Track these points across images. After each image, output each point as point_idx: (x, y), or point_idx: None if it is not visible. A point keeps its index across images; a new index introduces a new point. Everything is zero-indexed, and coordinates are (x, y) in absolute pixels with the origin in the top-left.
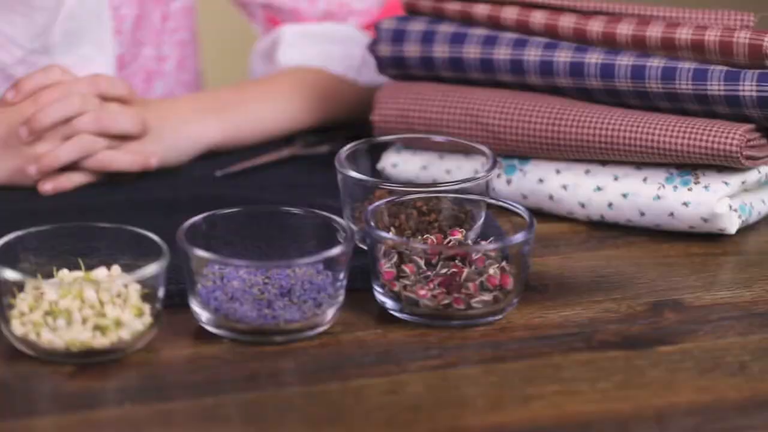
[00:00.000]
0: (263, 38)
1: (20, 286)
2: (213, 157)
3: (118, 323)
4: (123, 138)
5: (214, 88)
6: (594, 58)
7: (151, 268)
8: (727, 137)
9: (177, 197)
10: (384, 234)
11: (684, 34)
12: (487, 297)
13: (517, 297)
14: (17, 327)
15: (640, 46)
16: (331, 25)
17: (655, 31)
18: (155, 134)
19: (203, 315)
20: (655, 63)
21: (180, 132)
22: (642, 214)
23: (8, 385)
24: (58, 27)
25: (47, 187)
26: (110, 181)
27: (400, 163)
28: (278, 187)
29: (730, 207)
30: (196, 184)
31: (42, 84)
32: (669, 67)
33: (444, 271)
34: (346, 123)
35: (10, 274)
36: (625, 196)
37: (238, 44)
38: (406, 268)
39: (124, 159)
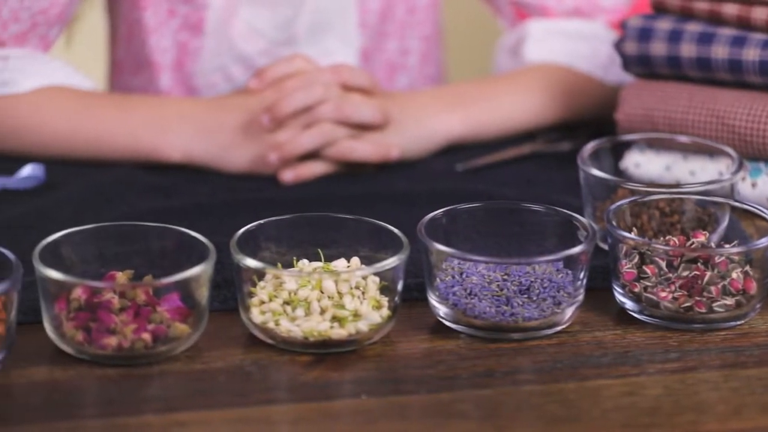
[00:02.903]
0: (509, 33)
1: (260, 275)
2: (453, 151)
3: (357, 315)
4: (364, 128)
5: (457, 82)
6: None
7: (391, 261)
8: None
9: (416, 190)
10: (626, 234)
11: None
12: (729, 301)
13: (760, 302)
14: (256, 315)
15: None
16: (579, 22)
17: None
18: (397, 126)
19: (441, 310)
20: None
21: (422, 125)
22: None
23: (247, 372)
24: (303, 19)
25: (288, 176)
26: (350, 172)
27: (643, 163)
28: (518, 183)
29: None
30: (435, 177)
31: (285, 73)
32: None
33: (686, 273)
34: (589, 120)
35: (251, 263)
36: None
37: (481, 39)
38: (648, 269)
39: (364, 149)
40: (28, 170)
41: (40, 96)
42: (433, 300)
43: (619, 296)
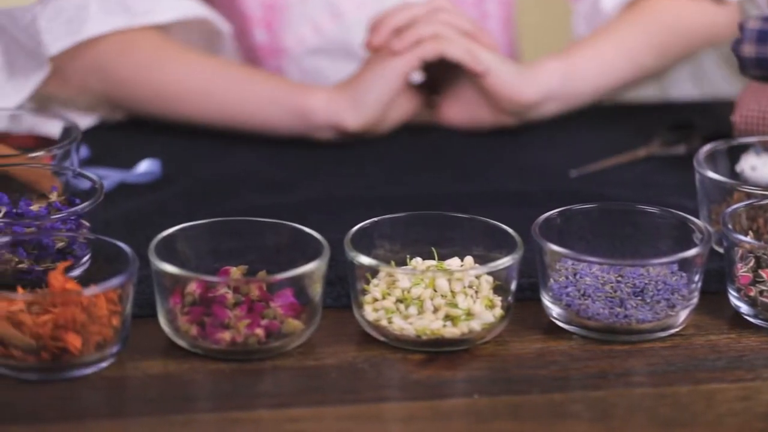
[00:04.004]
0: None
1: (374, 272)
2: (567, 153)
3: (470, 314)
4: None
5: None
6: None
7: (505, 261)
8: None
9: (530, 190)
10: (742, 237)
11: None
12: None
13: None
14: (369, 312)
15: None
16: None
17: None
18: (498, 58)
19: (554, 310)
20: None
21: (523, 63)
22: None
23: (359, 369)
24: None
25: (397, 44)
26: (463, 172)
27: (759, 166)
28: (633, 185)
29: None
30: (549, 178)
31: (399, 20)
32: None
33: None
34: (700, 121)
35: (365, 260)
36: None
37: (552, 8)
38: (763, 273)
39: (456, 49)
40: (145, 165)
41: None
42: (546, 300)
43: (734, 300)
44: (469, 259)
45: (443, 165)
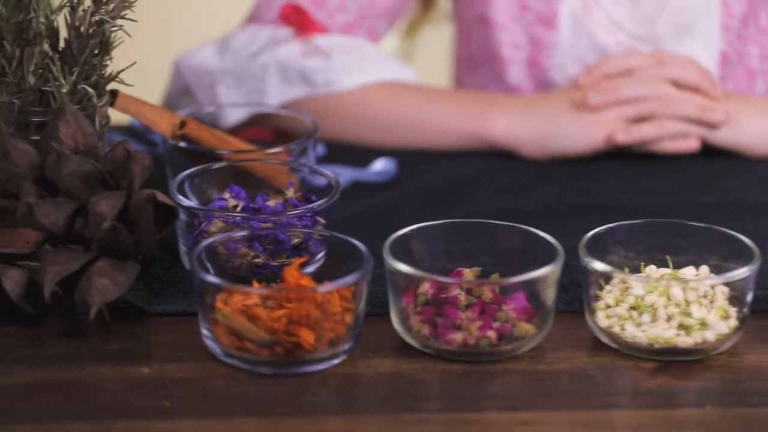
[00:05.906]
0: None
1: (607, 279)
2: None
3: (703, 324)
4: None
5: None
6: None
7: (742, 272)
8: None
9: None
10: None
11: None
12: None
13: None
14: (602, 319)
15: None
16: None
17: None
18: (734, 124)
19: None
20: None
21: (759, 123)
22: None
23: (590, 375)
24: (666, 17)
25: (620, 136)
26: (699, 182)
27: None
28: None
29: None
30: None
31: (617, 68)
32: None
33: None
34: None
35: (599, 266)
36: None
37: None
38: None
39: (670, 145)
40: (380, 164)
41: (362, 93)
42: None
43: None
44: (704, 269)
45: (678, 174)
